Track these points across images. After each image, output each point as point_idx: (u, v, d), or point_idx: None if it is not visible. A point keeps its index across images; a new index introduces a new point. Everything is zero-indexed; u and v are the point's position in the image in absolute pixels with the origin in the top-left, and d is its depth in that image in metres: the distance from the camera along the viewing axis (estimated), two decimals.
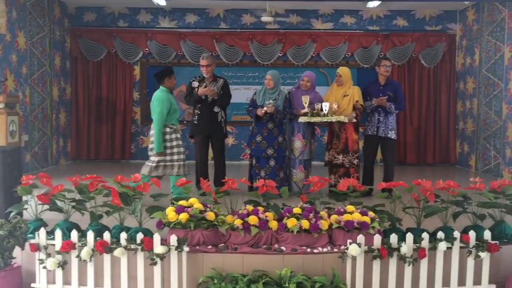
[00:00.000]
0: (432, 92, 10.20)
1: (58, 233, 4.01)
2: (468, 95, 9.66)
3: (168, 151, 5.69)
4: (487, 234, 4.08)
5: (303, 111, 6.28)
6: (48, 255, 3.98)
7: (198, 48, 10.03)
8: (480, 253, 4.00)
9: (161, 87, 5.79)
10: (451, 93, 10.17)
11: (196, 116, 6.50)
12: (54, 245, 4.00)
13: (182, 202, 4.21)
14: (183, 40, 10.03)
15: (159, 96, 5.68)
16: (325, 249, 4.04)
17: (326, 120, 6.23)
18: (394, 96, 6.48)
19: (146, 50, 10.10)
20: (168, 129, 5.71)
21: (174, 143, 5.73)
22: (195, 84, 6.51)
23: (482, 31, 9.05)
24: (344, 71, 6.45)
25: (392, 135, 6.48)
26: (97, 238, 3.95)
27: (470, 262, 4.05)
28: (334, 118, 6.22)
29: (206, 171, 6.56)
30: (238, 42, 10.08)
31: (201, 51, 9.95)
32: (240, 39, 10.08)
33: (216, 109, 6.48)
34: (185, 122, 10.22)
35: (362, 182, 6.36)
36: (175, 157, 5.72)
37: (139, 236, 3.91)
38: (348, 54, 10.12)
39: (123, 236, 3.93)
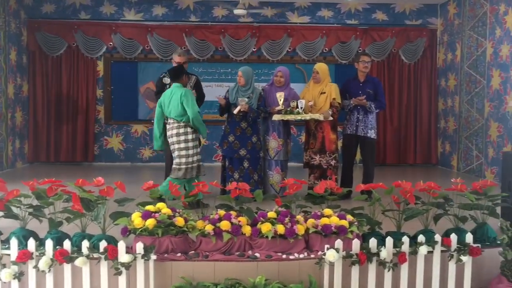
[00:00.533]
0: (413, 89, 10.36)
1: (14, 242, 3.93)
2: (449, 93, 9.84)
3: (194, 150, 5.80)
4: (469, 237, 4.15)
5: (277, 108, 6.30)
6: (3, 266, 3.90)
7: (167, 42, 9.98)
8: (462, 257, 4.07)
9: (176, 83, 5.82)
10: (432, 90, 10.35)
11: None
12: (9, 255, 3.92)
13: (149, 207, 4.18)
14: (150, 34, 9.96)
15: (185, 91, 5.75)
16: (301, 255, 4.05)
17: (300, 118, 6.27)
18: (374, 93, 6.55)
19: (110, 44, 10.01)
20: (189, 129, 5.77)
21: (197, 142, 5.89)
22: (167, 80, 6.45)
23: (463, 26, 9.24)
24: (321, 68, 6.50)
25: (372, 134, 6.55)
26: (57, 247, 3.89)
27: (452, 266, 4.12)
28: (308, 116, 6.26)
29: None
30: (209, 36, 10.06)
31: (170, 46, 9.92)
32: (211, 33, 10.06)
33: None
34: (152, 121, 10.12)
35: (340, 184, 6.41)
36: (199, 157, 5.88)
37: (103, 244, 3.86)
38: (325, 49, 10.21)
39: (85, 244, 3.88)
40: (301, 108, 6.28)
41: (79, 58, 10.03)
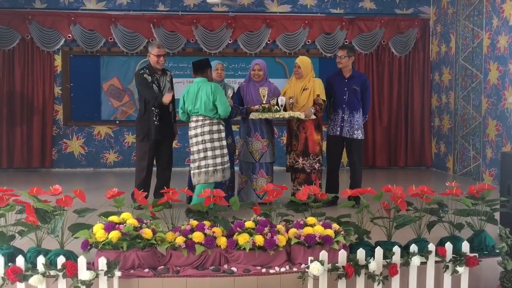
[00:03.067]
0: (404, 84, 10.46)
1: None
2: (444, 88, 9.95)
3: (226, 149, 5.95)
4: (466, 246, 4.19)
5: (256, 107, 6.29)
6: None
7: (132, 34, 9.94)
8: (458, 268, 4.11)
9: (201, 77, 5.92)
10: (425, 85, 10.46)
11: (157, 117, 6.37)
12: None
13: (113, 218, 4.14)
14: (114, 25, 9.91)
15: (214, 86, 5.87)
16: (282, 269, 4.05)
17: (279, 116, 6.27)
18: (361, 91, 6.55)
19: (69, 37, 9.93)
20: (222, 126, 5.90)
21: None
22: (149, 78, 6.40)
23: (458, 15, 9.35)
24: (303, 62, 6.51)
25: (359, 135, 6.58)
26: (9, 264, 3.83)
27: (447, 278, 4.15)
28: (287, 114, 6.27)
29: (150, 180, 6.55)
30: (180, 27, 10.05)
31: (136, 38, 9.89)
32: (182, 24, 10.06)
33: (171, 108, 6.53)
34: (117, 122, 10.12)
35: (326, 190, 6.44)
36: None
37: (60, 260, 3.81)
38: (308, 41, 10.27)
39: (41, 260, 3.82)
40: (281, 105, 6.30)
41: (34, 52, 9.92)
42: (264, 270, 4.03)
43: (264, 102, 6.31)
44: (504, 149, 7.82)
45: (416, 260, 4.03)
